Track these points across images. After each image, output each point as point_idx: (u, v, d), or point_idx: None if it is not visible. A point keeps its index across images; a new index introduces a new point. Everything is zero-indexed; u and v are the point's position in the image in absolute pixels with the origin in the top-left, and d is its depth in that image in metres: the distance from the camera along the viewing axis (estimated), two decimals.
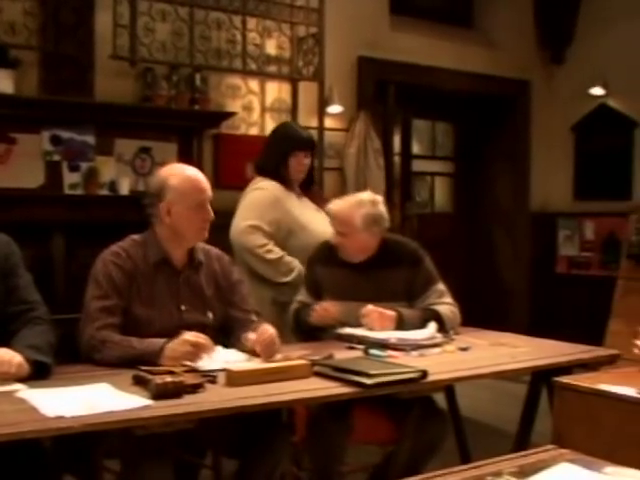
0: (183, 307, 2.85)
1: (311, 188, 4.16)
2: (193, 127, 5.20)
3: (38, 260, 4.72)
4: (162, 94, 5.01)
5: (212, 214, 2.87)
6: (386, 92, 6.29)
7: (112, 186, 4.90)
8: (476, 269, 7.49)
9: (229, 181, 5.39)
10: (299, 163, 3.95)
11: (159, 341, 2.60)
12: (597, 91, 6.84)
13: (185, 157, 5.07)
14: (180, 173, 2.86)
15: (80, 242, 4.71)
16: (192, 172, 2.89)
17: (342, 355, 2.85)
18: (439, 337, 3.18)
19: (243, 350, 2.80)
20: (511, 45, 7.02)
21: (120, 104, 4.90)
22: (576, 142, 7.16)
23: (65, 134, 4.78)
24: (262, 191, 3.93)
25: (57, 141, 4.78)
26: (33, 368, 2.38)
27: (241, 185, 5.22)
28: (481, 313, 7.14)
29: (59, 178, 4.80)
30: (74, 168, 4.83)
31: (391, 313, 3.25)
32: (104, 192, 4.89)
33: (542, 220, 7.26)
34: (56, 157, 4.78)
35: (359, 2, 6.06)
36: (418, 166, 7.29)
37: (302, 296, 3.53)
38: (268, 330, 2.73)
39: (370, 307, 3.24)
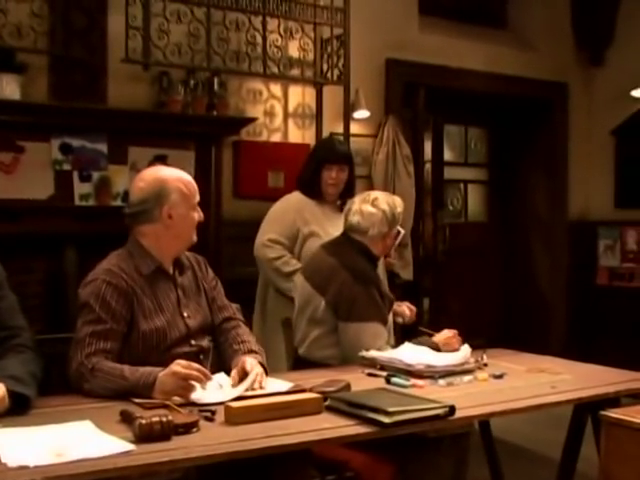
0: (185, 314, 2.69)
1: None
2: (211, 134, 4.93)
3: (50, 274, 4.56)
4: (178, 99, 4.76)
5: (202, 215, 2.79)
6: (415, 96, 6.01)
7: (126, 196, 4.64)
8: (511, 280, 7.21)
9: (249, 190, 5.18)
10: (329, 176, 4.03)
11: (153, 372, 2.35)
12: (638, 93, 6.49)
13: (203, 165, 4.85)
14: (177, 175, 2.72)
15: (93, 255, 4.44)
16: (185, 173, 2.77)
17: (361, 384, 2.57)
18: (472, 362, 2.88)
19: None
20: (547, 46, 6.70)
21: (134, 110, 4.66)
22: (617, 147, 6.83)
23: (76, 142, 4.54)
24: (281, 203, 4.16)
25: (67, 149, 4.54)
26: (12, 400, 2.13)
27: (262, 195, 5.03)
28: (517, 326, 6.97)
29: (70, 188, 4.55)
30: (85, 178, 4.59)
31: None
32: (117, 203, 4.64)
33: (581, 229, 6.94)
34: (66, 166, 4.54)
35: (386, 2, 5.78)
36: (450, 173, 7.00)
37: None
38: (250, 370, 2.53)
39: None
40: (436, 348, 3.07)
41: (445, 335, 3.21)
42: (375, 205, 3.29)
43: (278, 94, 5.40)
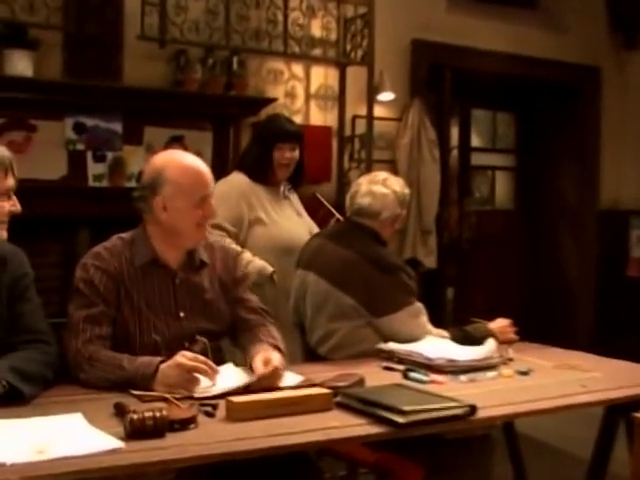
0: (182, 314, 2.44)
1: (300, 185, 3.95)
2: (229, 114, 4.80)
3: (63, 257, 4.44)
4: (195, 78, 4.62)
5: (215, 211, 2.50)
6: (442, 78, 5.83)
7: (140, 177, 4.52)
8: (538, 270, 7.02)
9: None
10: (282, 156, 3.70)
11: (153, 362, 2.19)
12: None
13: (221, 147, 4.72)
14: (178, 163, 2.44)
15: (106, 238, 4.38)
16: (192, 162, 2.46)
17: (376, 379, 2.41)
18: (496, 357, 2.71)
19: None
20: (579, 28, 6.47)
21: (150, 89, 4.53)
22: None
23: (90, 121, 4.43)
24: (223, 185, 3.58)
25: (81, 129, 4.43)
26: (9, 390, 2.00)
27: None
28: (543, 317, 6.78)
29: (83, 169, 4.45)
30: (99, 158, 4.49)
31: None
32: (131, 184, 4.52)
33: (612, 219, 6.73)
34: (80, 146, 4.43)
35: None
36: (477, 159, 6.84)
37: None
38: (272, 361, 2.31)
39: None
40: (492, 335, 2.93)
41: (500, 323, 3.14)
42: (387, 185, 3.07)
43: (300, 74, 5.25)
